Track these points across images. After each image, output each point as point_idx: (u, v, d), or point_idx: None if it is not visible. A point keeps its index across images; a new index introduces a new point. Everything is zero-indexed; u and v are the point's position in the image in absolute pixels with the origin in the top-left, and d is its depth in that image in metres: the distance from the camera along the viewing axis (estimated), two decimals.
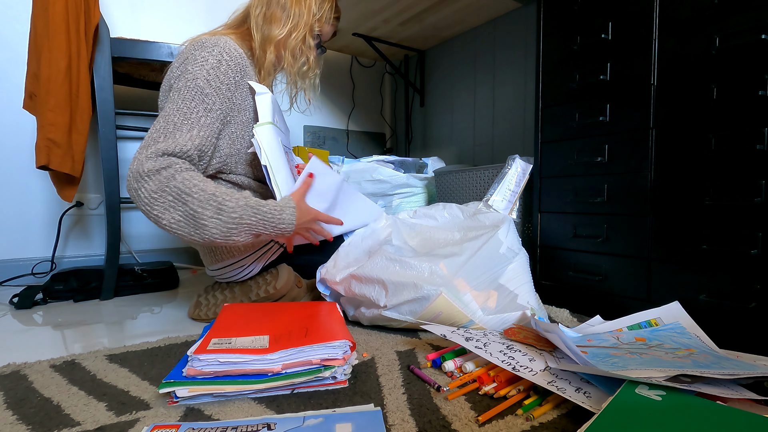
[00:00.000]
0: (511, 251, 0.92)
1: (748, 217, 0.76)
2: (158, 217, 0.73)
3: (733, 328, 0.78)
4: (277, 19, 0.94)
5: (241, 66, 0.89)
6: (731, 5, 0.78)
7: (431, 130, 2.15)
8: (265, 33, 0.94)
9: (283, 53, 0.97)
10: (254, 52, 0.96)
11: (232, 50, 0.88)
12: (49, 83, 1.05)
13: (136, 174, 0.73)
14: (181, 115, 0.80)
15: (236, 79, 0.89)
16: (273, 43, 0.94)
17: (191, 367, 0.57)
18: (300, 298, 0.98)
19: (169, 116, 0.80)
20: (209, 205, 0.74)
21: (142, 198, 0.73)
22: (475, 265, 0.87)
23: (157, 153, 0.74)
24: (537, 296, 0.95)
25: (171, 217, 0.73)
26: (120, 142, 1.58)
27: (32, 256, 1.45)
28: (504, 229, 0.94)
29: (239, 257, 0.97)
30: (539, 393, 0.58)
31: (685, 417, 0.45)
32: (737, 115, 0.78)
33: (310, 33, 0.98)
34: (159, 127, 0.79)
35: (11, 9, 1.39)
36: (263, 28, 0.94)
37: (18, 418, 0.53)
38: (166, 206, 0.73)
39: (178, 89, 0.83)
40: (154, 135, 0.78)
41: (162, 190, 0.72)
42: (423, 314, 0.82)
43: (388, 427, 0.50)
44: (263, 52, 0.95)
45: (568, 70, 1.06)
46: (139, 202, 0.73)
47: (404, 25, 1.79)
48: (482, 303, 0.85)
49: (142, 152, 0.75)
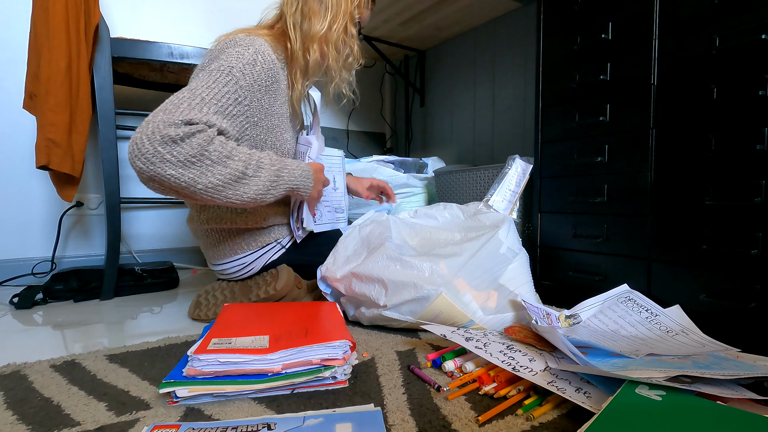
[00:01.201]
0: (511, 251, 0.92)
1: (748, 217, 0.76)
2: (193, 180, 0.70)
3: (733, 328, 0.78)
4: (315, 12, 0.89)
5: (273, 72, 0.86)
6: (731, 5, 0.78)
7: (431, 130, 2.15)
8: (306, 30, 0.89)
9: (327, 49, 0.92)
10: (292, 53, 0.91)
11: (266, 54, 0.84)
12: (49, 83, 1.05)
13: (158, 138, 0.67)
14: (211, 93, 0.75)
15: (267, 84, 0.85)
16: (316, 40, 0.90)
17: (191, 367, 0.57)
18: (300, 298, 0.98)
19: (196, 90, 0.74)
20: (250, 165, 0.76)
21: (170, 161, 0.68)
22: (476, 265, 0.87)
23: (184, 120, 0.69)
24: (537, 296, 0.95)
25: (208, 181, 0.71)
26: (120, 142, 1.58)
27: (32, 256, 1.45)
28: (504, 229, 0.94)
29: (242, 254, 0.98)
30: (539, 393, 0.58)
31: (685, 417, 0.45)
32: (737, 115, 0.78)
33: (351, 21, 0.94)
34: (183, 97, 0.73)
35: (11, 9, 1.39)
36: (303, 24, 0.89)
37: (18, 418, 0.53)
38: (203, 170, 0.71)
39: (210, 70, 0.78)
40: (175, 101, 0.72)
41: (201, 154, 0.70)
42: (423, 314, 0.82)
43: (388, 427, 0.50)
44: (305, 51, 0.90)
45: (568, 70, 1.06)
46: (163, 166, 0.68)
47: (404, 25, 1.79)
48: (482, 303, 0.85)
49: (159, 116, 0.69)
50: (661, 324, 0.77)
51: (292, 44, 0.90)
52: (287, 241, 1.01)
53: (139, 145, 0.67)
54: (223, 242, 0.98)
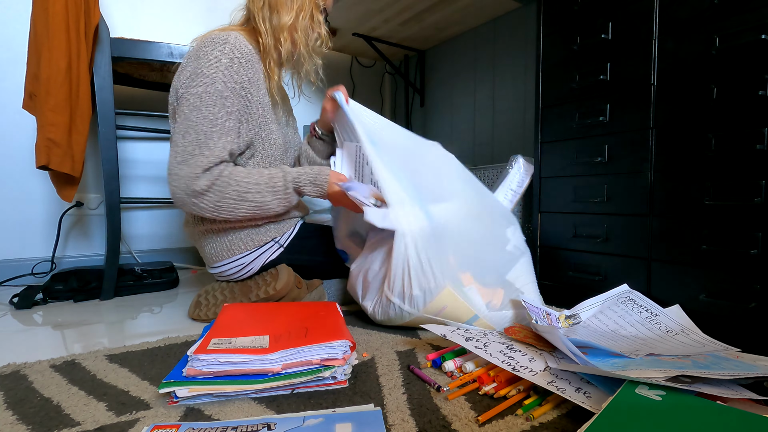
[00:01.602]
0: (517, 249, 0.92)
1: (748, 217, 0.76)
2: (227, 216, 0.90)
3: (733, 328, 0.78)
4: (282, 4, 0.95)
5: (252, 62, 0.91)
6: (731, 5, 0.78)
7: (431, 130, 2.15)
8: (275, 22, 0.95)
9: (296, 36, 0.97)
10: (264, 47, 0.96)
11: (242, 46, 0.90)
12: (49, 83, 1.05)
13: (191, 193, 0.85)
14: (209, 123, 0.86)
15: (249, 76, 0.91)
16: (285, 29, 0.95)
17: (191, 367, 0.57)
18: (300, 298, 0.98)
19: (197, 126, 0.86)
20: (266, 191, 0.89)
21: (207, 209, 0.87)
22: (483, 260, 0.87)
23: (203, 168, 0.84)
24: (541, 297, 0.95)
25: (238, 213, 0.90)
26: (120, 142, 1.58)
27: (32, 256, 1.45)
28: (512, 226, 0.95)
29: (239, 255, 0.98)
30: (539, 393, 0.58)
31: (685, 417, 0.45)
32: (737, 115, 0.78)
33: (317, 9, 1.00)
34: (191, 139, 0.85)
35: (11, 9, 1.39)
36: (272, 18, 0.95)
37: (18, 418, 0.53)
38: (231, 208, 0.88)
39: (199, 95, 0.86)
40: (188, 148, 0.85)
41: (223, 198, 0.86)
42: (428, 308, 0.82)
43: (388, 427, 0.50)
44: (277, 41, 0.96)
45: (568, 70, 1.06)
46: (203, 212, 0.88)
47: (404, 25, 1.79)
48: (488, 300, 0.85)
49: (183, 169, 0.84)
50: (661, 324, 0.77)
51: (264, 38, 0.96)
52: (285, 240, 1.01)
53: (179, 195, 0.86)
54: (220, 243, 0.98)
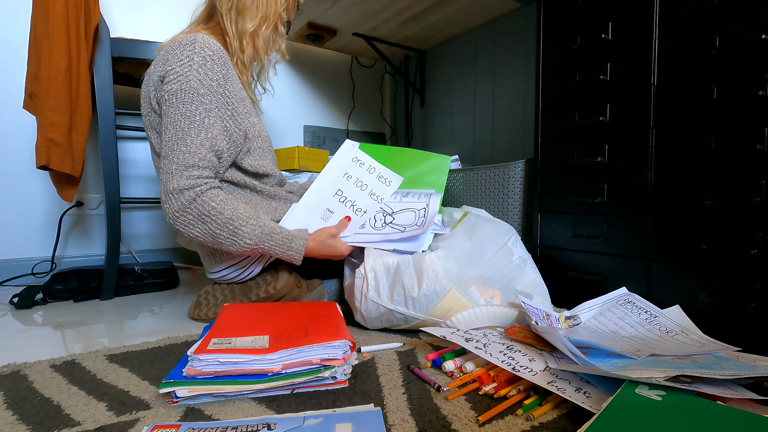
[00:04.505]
0: (522, 260, 0.92)
1: (748, 217, 0.76)
2: (181, 230, 0.83)
3: (733, 328, 0.78)
4: (247, 9, 0.94)
5: (223, 59, 0.90)
6: (731, 5, 0.78)
7: (431, 130, 2.15)
8: (240, 26, 0.94)
9: (258, 42, 0.97)
10: (229, 46, 0.96)
11: (211, 44, 0.88)
12: (49, 83, 1.05)
13: (165, 190, 0.81)
14: (186, 120, 0.84)
15: (223, 72, 0.89)
16: (247, 35, 0.95)
17: (191, 367, 0.57)
18: (300, 298, 0.98)
19: (175, 122, 0.84)
20: (226, 228, 0.83)
21: (167, 213, 0.82)
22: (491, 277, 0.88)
23: (180, 167, 0.81)
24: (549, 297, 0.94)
25: (191, 232, 0.83)
26: (120, 142, 1.58)
27: (32, 256, 1.45)
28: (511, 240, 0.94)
29: (239, 259, 0.97)
30: (539, 393, 0.58)
31: (685, 417, 0.45)
32: (737, 115, 0.78)
33: (281, 21, 1.00)
34: (170, 135, 0.84)
35: (11, 9, 1.39)
36: (238, 22, 0.94)
37: (18, 418, 0.53)
38: (187, 223, 0.82)
39: (174, 92, 0.84)
40: (169, 144, 0.83)
41: (184, 210, 0.81)
42: (434, 311, 0.82)
43: (388, 427, 0.50)
44: (241, 44, 0.95)
45: (568, 70, 1.06)
46: (165, 215, 0.83)
47: (404, 25, 1.79)
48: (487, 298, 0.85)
49: (165, 165, 0.82)
50: (661, 325, 0.77)
51: (231, 39, 0.95)
52: None
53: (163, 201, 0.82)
54: (217, 248, 0.97)
